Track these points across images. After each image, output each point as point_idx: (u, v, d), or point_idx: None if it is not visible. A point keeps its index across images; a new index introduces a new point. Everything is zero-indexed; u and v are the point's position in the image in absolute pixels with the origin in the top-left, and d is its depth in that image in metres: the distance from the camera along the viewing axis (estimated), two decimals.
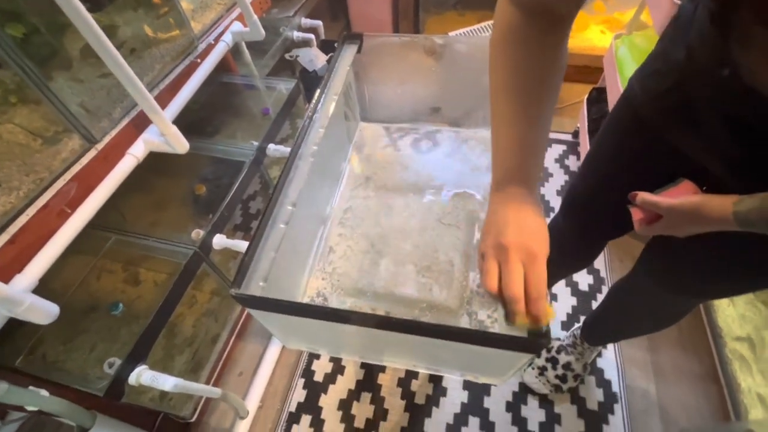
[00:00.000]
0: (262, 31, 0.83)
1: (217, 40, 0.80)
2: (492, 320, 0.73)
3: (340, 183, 0.89)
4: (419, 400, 1.04)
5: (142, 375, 0.66)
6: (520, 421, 0.99)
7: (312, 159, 0.63)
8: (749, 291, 0.56)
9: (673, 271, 0.61)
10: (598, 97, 1.38)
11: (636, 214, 0.53)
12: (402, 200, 0.86)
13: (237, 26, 0.83)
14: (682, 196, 0.48)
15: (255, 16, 0.80)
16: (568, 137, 1.60)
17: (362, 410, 1.03)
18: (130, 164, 0.61)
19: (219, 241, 0.87)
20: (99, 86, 0.60)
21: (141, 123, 0.64)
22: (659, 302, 0.72)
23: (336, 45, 1.42)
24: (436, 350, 0.57)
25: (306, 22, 1.47)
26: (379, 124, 1.00)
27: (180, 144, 0.63)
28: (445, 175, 0.90)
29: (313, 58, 1.33)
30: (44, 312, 0.50)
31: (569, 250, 0.85)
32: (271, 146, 1.04)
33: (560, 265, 0.92)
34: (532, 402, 1.02)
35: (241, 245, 0.88)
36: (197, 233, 0.87)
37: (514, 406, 1.01)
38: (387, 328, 0.46)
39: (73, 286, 0.79)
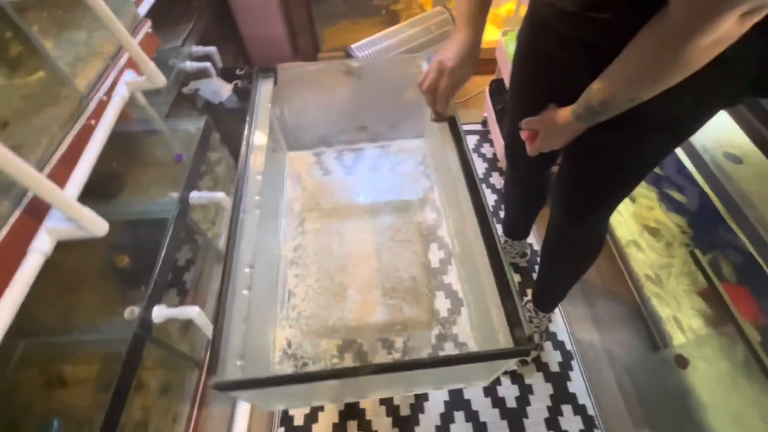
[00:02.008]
0: (162, 78, 0.74)
1: (109, 94, 0.70)
2: (465, 336, 0.76)
3: (281, 221, 0.85)
4: (404, 411, 1.05)
5: None
6: (499, 402, 1.06)
7: (258, 210, 0.59)
8: (622, 183, 0.69)
9: (572, 188, 0.75)
10: (497, 89, 1.51)
11: (524, 135, 0.69)
12: (350, 225, 0.86)
13: (130, 75, 0.73)
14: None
15: (151, 63, 0.72)
16: (478, 126, 1.72)
17: None
18: (37, 263, 0.51)
19: (159, 313, 0.78)
20: None
21: (37, 209, 0.54)
22: (574, 234, 0.83)
23: (238, 72, 1.36)
24: (424, 376, 0.57)
25: (198, 50, 1.37)
26: (308, 151, 0.98)
27: (96, 226, 0.54)
28: (385, 190, 0.92)
29: (217, 89, 1.24)
30: None
31: (517, 187, 1.04)
32: (194, 194, 0.95)
33: (522, 207, 1.10)
34: (505, 381, 1.09)
35: (188, 311, 0.79)
36: (131, 311, 0.76)
37: (491, 390, 1.07)
38: (381, 372, 0.46)
39: None
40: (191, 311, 0.80)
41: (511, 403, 1.06)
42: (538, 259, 1.30)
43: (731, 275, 0.92)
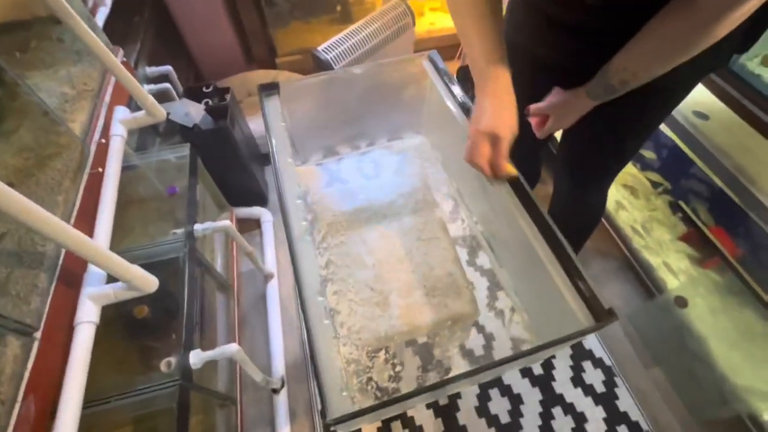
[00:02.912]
0: (163, 111, 0.68)
1: (106, 136, 0.63)
2: (512, 311, 0.80)
3: (305, 239, 0.83)
4: (443, 401, 1.08)
5: None
6: (527, 372, 1.12)
7: (309, 238, 0.57)
8: (625, 150, 0.76)
9: (580, 160, 0.81)
10: (465, 76, 1.55)
11: (532, 120, 0.71)
12: (373, 232, 0.85)
13: (123, 112, 0.67)
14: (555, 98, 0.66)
15: (150, 97, 0.65)
16: None
17: None
18: (89, 335, 0.46)
19: (197, 359, 0.73)
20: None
21: (70, 277, 0.48)
22: (581, 202, 0.90)
23: (205, 89, 1.28)
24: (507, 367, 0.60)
25: (153, 71, 1.26)
26: (313, 164, 0.95)
27: (147, 283, 0.50)
28: (398, 191, 0.92)
29: (189, 111, 1.16)
30: None
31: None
32: (198, 227, 0.90)
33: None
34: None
35: (227, 351, 0.75)
36: (167, 364, 0.71)
37: None
38: (479, 372, 0.47)
39: None
40: (230, 350, 0.76)
41: (537, 370, 1.12)
42: None
43: (708, 219, 1.04)
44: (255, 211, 1.37)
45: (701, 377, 1.03)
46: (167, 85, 1.24)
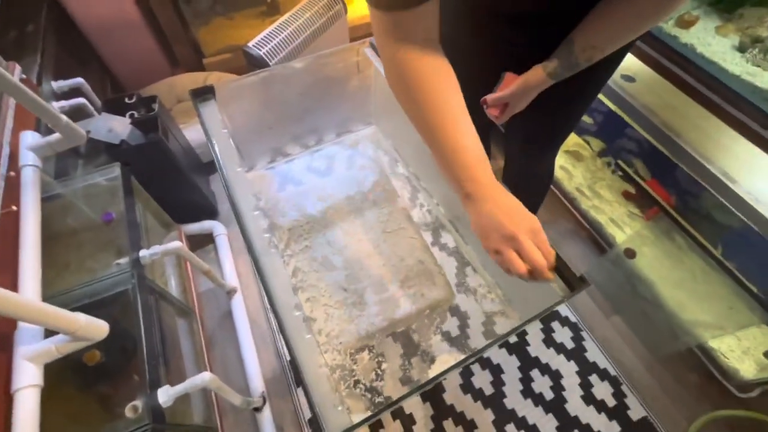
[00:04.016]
0: (82, 132, 0.60)
1: (15, 168, 0.54)
2: (483, 287, 0.81)
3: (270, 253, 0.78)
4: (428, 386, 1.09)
5: None
6: (503, 343, 1.16)
7: (273, 250, 0.54)
8: (574, 119, 0.79)
9: (533, 133, 0.83)
10: None
11: (492, 112, 0.70)
12: (338, 231, 0.83)
13: (32, 137, 0.57)
14: (511, 83, 0.66)
15: (63, 117, 0.56)
16: None
17: None
18: (33, 399, 0.40)
19: (166, 396, 0.67)
20: None
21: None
22: (535, 172, 0.94)
23: (128, 100, 1.16)
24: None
25: (63, 85, 1.12)
26: (264, 169, 0.90)
27: (96, 331, 0.44)
28: (356, 185, 0.90)
29: (112, 126, 1.04)
30: None
31: None
32: (144, 253, 0.82)
33: None
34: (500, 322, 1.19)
35: (198, 381, 0.70)
36: (134, 408, 0.64)
37: (489, 334, 1.17)
38: (465, 363, 0.47)
39: None
40: (202, 380, 0.70)
41: (512, 339, 1.17)
42: None
43: (645, 173, 1.12)
44: (205, 225, 1.28)
45: (654, 318, 1.13)
46: (81, 99, 1.10)
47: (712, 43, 0.87)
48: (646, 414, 1.04)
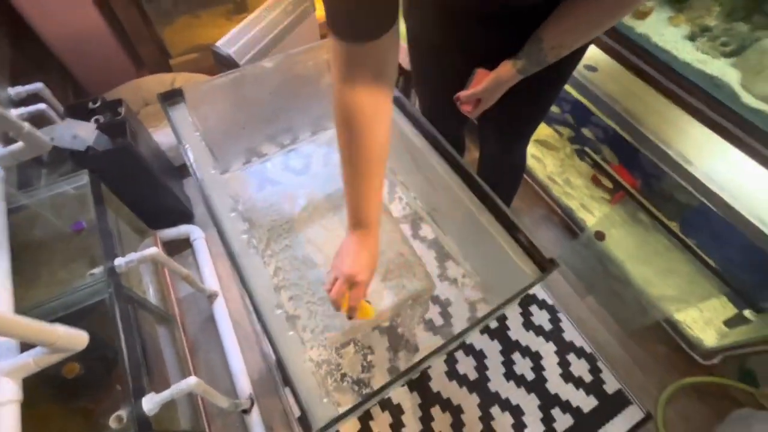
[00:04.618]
0: (46, 139, 0.58)
1: None
2: (464, 276, 0.83)
3: (248, 253, 0.78)
4: (415, 375, 1.12)
5: None
6: (484, 329, 1.20)
7: (251, 250, 0.54)
8: (545, 109, 0.83)
9: (506, 125, 0.87)
10: None
11: (466, 108, 0.73)
12: (317, 229, 0.83)
13: None
14: (482, 80, 0.68)
15: (25, 124, 0.54)
16: None
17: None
18: (13, 416, 0.39)
19: (151, 404, 0.67)
20: None
21: None
22: (509, 161, 0.98)
23: (91, 105, 1.12)
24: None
25: (20, 91, 1.07)
26: (239, 170, 0.89)
27: (76, 341, 0.43)
28: (336, 182, 0.90)
29: (77, 132, 1.01)
30: None
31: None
32: (120, 261, 0.80)
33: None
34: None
35: (184, 387, 0.70)
36: (118, 419, 0.64)
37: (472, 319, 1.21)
38: (443, 349, 0.49)
39: None
40: (187, 384, 0.70)
41: (494, 324, 1.21)
42: None
43: (613, 158, 1.17)
44: (182, 230, 1.26)
45: (625, 295, 1.19)
46: (42, 105, 1.06)
47: (665, 33, 0.92)
48: (621, 387, 1.10)
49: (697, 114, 0.87)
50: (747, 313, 1.01)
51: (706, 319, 1.09)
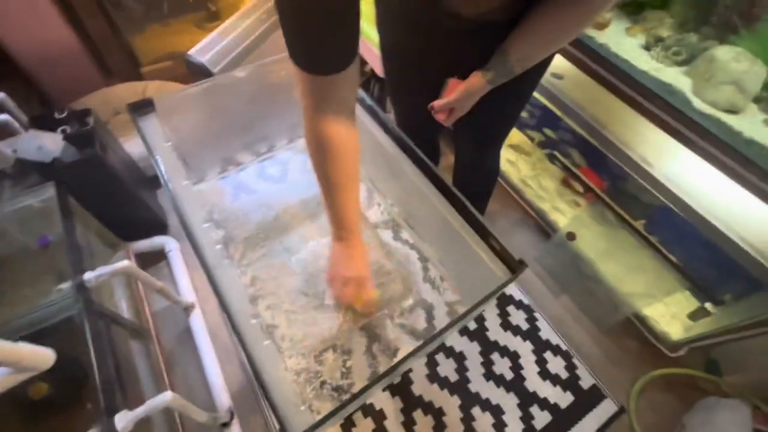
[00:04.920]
0: (7, 152, 0.56)
1: None
2: (441, 280, 0.85)
3: (222, 264, 0.77)
4: (397, 380, 1.12)
5: None
6: (464, 331, 1.22)
7: (226, 261, 0.54)
8: (517, 114, 0.86)
9: (481, 130, 0.90)
10: None
11: (440, 117, 0.77)
12: (294, 237, 0.83)
13: None
14: (454, 89, 0.71)
15: None
16: None
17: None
18: None
19: (125, 421, 0.65)
20: None
21: None
22: (483, 165, 1.01)
23: (57, 115, 1.09)
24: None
25: None
26: (214, 180, 0.88)
27: (41, 358, 0.42)
28: (309, 189, 0.90)
29: (42, 144, 0.98)
30: None
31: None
32: (89, 275, 0.78)
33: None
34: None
35: (159, 402, 0.68)
36: None
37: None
38: (422, 349, 0.50)
39: None
40: (162, 399, 0.69)
41: (472, 326, 1.23)
42: None
43: (582, 161, 1.22)
44: (156, 241, 1.23)
45: (596, 293, 1.24)
46: (5, 116, 1.02)
47: (624, 42, 0.97)
48: (595, 381, 1.13)
49: (654, 119, 0.92)
50: (708, 306, 1.07)
51: (671, 313, 1.14)
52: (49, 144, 0.99)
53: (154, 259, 1.25)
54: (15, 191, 0.97)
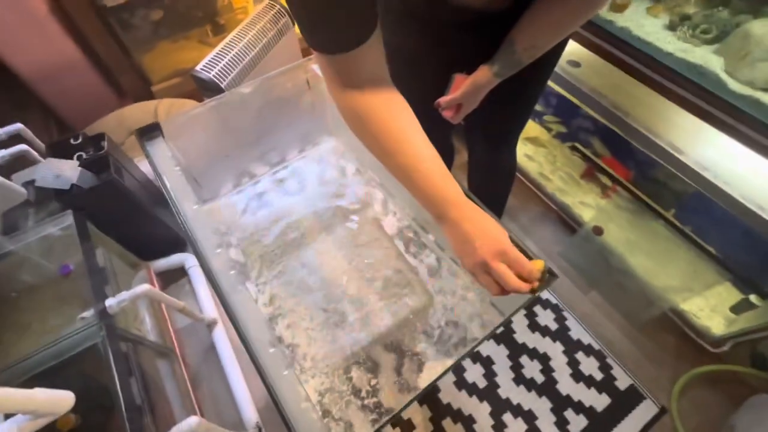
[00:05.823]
0: (21, 190, 0.57)
1: None
2: (461, 288, 0.82)
3: (238, 290, 0.76)
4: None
5: None
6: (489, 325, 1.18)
7: (240, 287, 0.52)
8: (530, 106, 0.82)
9: (494, 125, 0.86)
10: None
11: (447, 114, 0.74)
12: (309, 251, 0.82)
13: None
14: (461, 85, 0.68)
15: None
16: None
17: None
18: None
19: None
20: None
21: None
22: (500, 162, 0.97)
23: (73, 141, 1.11)
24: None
25: (1, 133, 1.06)
26: (226, 197, 0.88)
27: (59, 404, 0.41)
28: (323, 200, 0.89)
29: (59, 171, 0.99)
30: None
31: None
32: (111, 302, 0.78)
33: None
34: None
35: (183, 429, 0.68)
36: None
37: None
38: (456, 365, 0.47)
39: None
40: (188, 426, 0.68)
41: (498, 329, 1.19)
42: None
43: (603, 150, 1.16)
44: (175, 259, 1.24)
45: (628, 288, 1.18)
46: (23, 146, 1.04)
47: (645, 24, 0.91)
48: (632, 381, 1.08)
49: (684, 103, 0.86)
50: (753, 298, 1.00)
51: (711, 307, 1.08)
52: (67, 171, 1.00)
53: (175, 276, 1.26)
54: (38, 217, 0.99)
